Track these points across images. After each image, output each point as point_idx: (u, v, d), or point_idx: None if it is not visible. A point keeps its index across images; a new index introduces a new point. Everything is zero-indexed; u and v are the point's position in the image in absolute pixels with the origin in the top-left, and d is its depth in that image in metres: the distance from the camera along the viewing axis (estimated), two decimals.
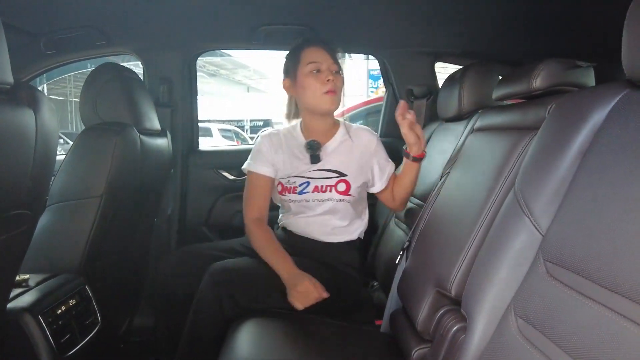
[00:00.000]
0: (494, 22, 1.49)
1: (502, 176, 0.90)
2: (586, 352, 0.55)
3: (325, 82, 1.31)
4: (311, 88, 1.33)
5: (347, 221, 1.39)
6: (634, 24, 0.61)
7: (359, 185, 1.38)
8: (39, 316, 0.99)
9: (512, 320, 0.70)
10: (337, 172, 1.37)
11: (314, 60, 1.32)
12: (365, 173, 1.40)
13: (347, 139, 1.41)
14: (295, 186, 1.37)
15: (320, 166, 1.38)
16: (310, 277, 1.20)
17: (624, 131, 0.62)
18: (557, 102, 0.83)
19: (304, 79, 1.33)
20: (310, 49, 1.34)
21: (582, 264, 0.60)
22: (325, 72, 1.32)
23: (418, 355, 0.97)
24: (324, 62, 1.33)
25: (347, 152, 1.39)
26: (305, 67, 1.33)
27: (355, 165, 1.38)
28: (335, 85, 1.33)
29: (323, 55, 1.33)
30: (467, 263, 0.89)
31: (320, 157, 1.38)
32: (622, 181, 0.59)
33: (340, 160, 1.38)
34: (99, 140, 1.25)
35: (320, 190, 1.36)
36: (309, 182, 1.37)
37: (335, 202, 1.36)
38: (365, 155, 1.40)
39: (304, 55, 1.34)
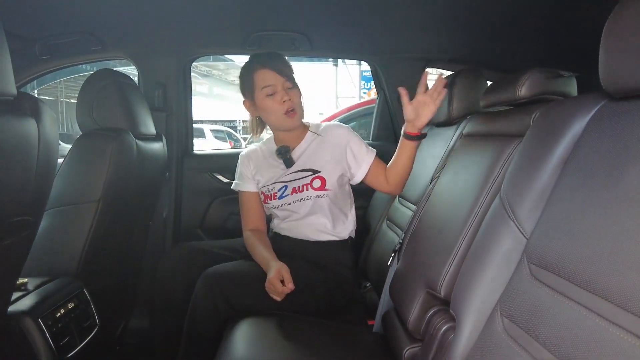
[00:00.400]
0: (483, 30, 1.53)
1: (489, 182, 0.94)
2: (567, 350, 0.58)
3: (282, 103, 1.35)
4: (271, 110, 1.38)
5: (332, 218, 1.42)
6: (609, 40, 0.65)
7: (336, 178, 1.40)
8: (38, 319, 1.01)
9: (498, 320, 0.74)
10: (311, 170, 1.41)
11: (268, 84, 1.36)
12: (340, 165, 1.41)
13: (317, 137, 1.44)
14: (275, 192, 1.42)
15: (295, 168, 1.42)
16: (277, 270, 1.22)
17: (601, 141, 0.66)
18: (541, 110, 0.87)
19: (262, 103, 1.38)
20: (261, 72, 1.37)
21: (564, 266, 0.63)
22: (280, 92, 1.35)
23: (409, 354, 1.00)
24: (277, 83, 1.36)
25: (318, 149, 1.43)
26: (260, 91, 1.37)
27: (328, 159, 1.40)
28: (293, 102, 1.37)
29: (275, 77, 1.35)
30: (455, 265, 0.93)
31: (294, 159, 1.42)
32: (599, 188, 0.62)
33: (312, 159, 1.42)
34: (96, 145, 1.26)
35: (298, 190, 1.39)
36: (286, 186, 1.41)
37: (314, 200, 1.39)
38: (337, 148, 1.41)
39: (257, 79, 1.37)
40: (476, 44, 1.70)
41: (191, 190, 1.97)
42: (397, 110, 1.99)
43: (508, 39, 1.60)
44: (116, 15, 1.47)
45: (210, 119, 14.17)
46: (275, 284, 1.19)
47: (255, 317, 1.18)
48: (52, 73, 1.87)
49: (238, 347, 1.06)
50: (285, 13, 1.52)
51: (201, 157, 2.06)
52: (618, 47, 0.63)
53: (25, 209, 0.81)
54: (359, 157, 1.42)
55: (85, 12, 1.44)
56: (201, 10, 1.45)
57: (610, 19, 0.65)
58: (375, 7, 1.42)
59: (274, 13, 1.52)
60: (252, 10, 1.49)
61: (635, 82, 0.61)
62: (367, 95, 11.88)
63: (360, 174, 1.42)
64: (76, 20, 1.52)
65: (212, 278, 1.23)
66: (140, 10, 1.43)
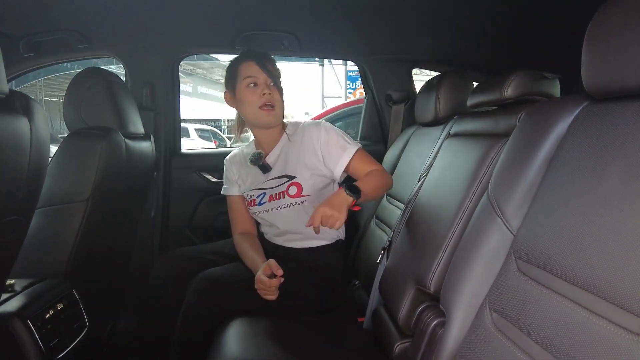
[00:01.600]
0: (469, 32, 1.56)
1: (476, 180, 0.97)
2: (553, 341, 0.61)
3: (261, 96, 1.33)
4: (248, 102, 1.35)
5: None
6: (591, 44, 0.68)
7: (312, 183, 1.36)
8: (27, 321, 0.99)
9: (487, 314, 0.76)
10: (286, 176, 1.38)
11: (250, 74, 1.35)
12: (316, 167, 1.36)
13: (293, 140, 1.40)
14: (254, 199, 1.42)
15: (272, 174, 1.40)
16: (264, 266, 1.21)
17: (584, 140, 0.69)
18: (527, 111, 0.89)
19: (242, 94, 1.36)
20: (247, 64, 1.36)
21: (549, 261, 0.66)
22: (261, 85, 1.34)
23: (400, 349, 1.02)
24: (260, 76, 1.34)
25: (293, 153, 1.39)
26: (242, 81, 1.36)
27: (302, 163, 1.36)
28: (273, 98, 1.34)
29: (259, 71, 1.35)
30: (444, 261, 0.95)
31: (269, 165, 1.40)
32: (582, 186, 0.65)
33: (287, 163, 1.38)
34: (84, 144, 1.25)
35: (275, 198, 1.38)
36: (264, 193, 1.40)
37: (291, 207, 1.37)
38: (312, 148, 1.36)
39: (241, 70, 1.36)
40: (462, 45, 1.73)
41: (179, 190, 1.96)
42: (385, 110, 2.01)
43: (493, 41, 1.64)
44: (103, 12, 1.45)
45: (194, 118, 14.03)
46: (263, 279, 1.18)
47: (246, 317, 1.19)
48: (33, 72, 1.83)
49: (230, 346, 1.07)
50: (275, 13, 1.52)
51: (189, 156, 2.05)
52: (599, 50, 0.66)
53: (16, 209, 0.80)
54: (336, 154, 1.35)
55: (72, 9, 1.42)
56: (190, 8, 1.45)
57: (592, 24, 0.68)
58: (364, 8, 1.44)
59: (264, 13, 1.52)
60: (241, 10, 1.49)
61: (616, 84, 0.64)
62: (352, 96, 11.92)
63: (338, 169, 1.35)
64: (62, 17, 1.50)
65: (204, 283, 1.23)
66: (128, 7, 1.42)
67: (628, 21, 0.61)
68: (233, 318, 1.18)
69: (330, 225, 1.10)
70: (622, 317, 0.53)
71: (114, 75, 1.49)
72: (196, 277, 1.25)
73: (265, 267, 1.21)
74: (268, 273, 1.20)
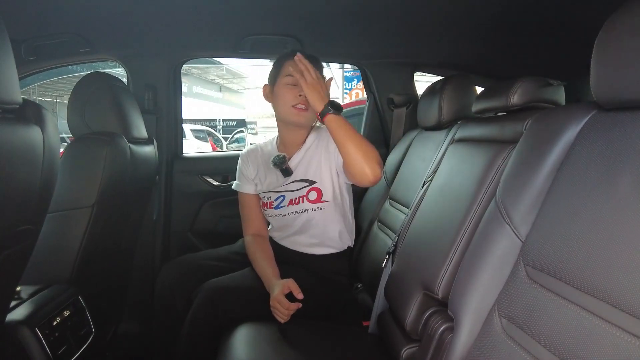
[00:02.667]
0: (471, 36, 1.57)
1: (483, 186, 0.97)
2: (564, 348, 0.62)
3: (297, 97, 1.33)
4: (283, 99, 1.35)
5: (330, 231, 1.40)
6: (601, 54, 0.68)
7: (332, 188, 1.37)
8: (35, 328, 0.99)
9: (497, 320, 0.77)
10: (307, 180, 1.38)
11: (292, 74, 1.32)
12: (332, 170, 1.37)
13: (314, 145, 1.40)
14: (272, 201, 1.41)
15: (293, 178, 1.39)
16: (283, 285, 1.20)
17: (593, 148, 0.70)
18: (534, 118, 0.90)
19: (280, 89, 1.36)
20: (292, 62, 1.33)
21: (559, 269, 0.67)
22: (299, 86, 1.30)
23: (407, 354, 1.02)
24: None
25: (313, 158, 1.39)
26: (283, 78, 1.36)
27: (323, 168, 1.37)
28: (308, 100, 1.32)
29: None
30: (452, 267, 0.96)
31: (291, 169, 1.39)
32: (591, 194, 0.66)
33: (309, 167, 1.38)
34: (89, 150, 1.25)
35: (295, 202, 1.38)
36: (284, 196, 1.39)
37: (310, 212, 1.37)
38: (325, 150, 1.37)
39: (285, 66, 1.36)
40: (465, 49, 1.74)
41: (181, 194, 1.96)
42: (387, 113, 2.02)
43: (496, 45, 1.65)
44: (105, 16, 1.45)
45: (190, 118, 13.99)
46: (282, 301, 1.16)
47: (253, 323, 1.19)
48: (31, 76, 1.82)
49: (237, 351, 1.07)
50: (277, 17, 1.52)
51: (191, 160, 2.05)
52: (609, 60, 0.66)
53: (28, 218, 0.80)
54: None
55: (74, 12, 1.41)
56: (192, 12, 1.45)
57: (601, 33, 0.69)
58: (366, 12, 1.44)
59: (266, 16, 1.52)
60: (244, 14, 1.49)
61: (626, 94, 0.64)
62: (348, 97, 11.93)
63: (339, 161, 1.30)
64: (64, 21, 1.49)
65: (211, 292, 1.22)
66: (130, 11, 1.41)
67: (638, 31, 0.62)
68: (239, 324, 1.18)
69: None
70: (633, 324, 0.54)
71: (118, 79, 1.49)
72: (202, 287, 1.25)
73: (285, 287, 1.20)
74: (287, 292, 1.19)
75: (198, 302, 1.21)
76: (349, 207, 1.46)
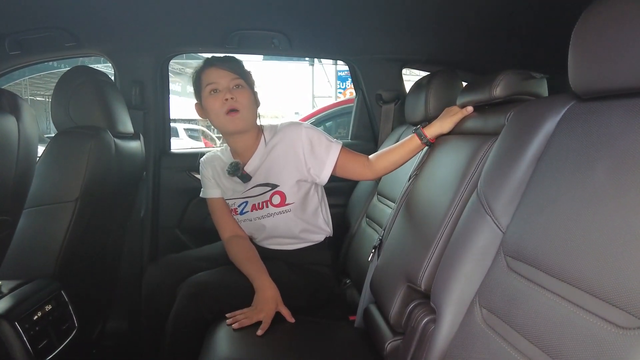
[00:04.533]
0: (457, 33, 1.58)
1: (465, 178, 0.97)
2: (541, 336, 0.62)
3: (224, 102, 1.27)
4: (212, 110, 1.29)
5: (299, 230, 1.37)
6: (578, 44, 0.69)
7: (296, 190, 1.33)
8: (15, 323, 0.98)
9: (477, 310, 0.77)
10: (269, 184, 1.34)
11: (211, 81, 1.29)
12: (298, 173, 1.32)
13: (273, 146, 1.35)
14: (236, 207, 1.39)
15: (253, 183, 1.35)
16: (273, 297, 1.19)
17: (571, 139, 0.70)
18: (515, 110, 0.91)
19: (206, 102, 1.30)
20: (208, 70, 1.30)
21: (538, 258, 0.67)
22: (223, 91, 1.28)
23: (391, 347, 1.02)
24: (221, 80, 1.28)
25: (274, 160, 1.33)
26: (205, 89, 1.30)
27: (284, 170, 1.32)
28: (237, 102, 1.27)
29: (220, 74, 1.29)
30: (435, 259, 0.96)
31: (249, 174, 1.35)
32: (570, 183, 0.66)
33: (269, 171, 1.34)
34: (73, 144, 1.23)
35: (258, 207, 1.35)
36: (247, 202, 1.37)
37: (276, 216, 1.34)
38: (292, 153, 1.32)
39: (203, 78, 1.31)
40: (451, 45, 1.75)
41: (169, 190, 1.94)
42: (375, 109, 2.02)
43: (481, 41, 1.66)
44: (91, 10, 1.43)
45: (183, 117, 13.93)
46: (269, 319, 1.15)
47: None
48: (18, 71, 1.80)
49: (220, 346, 1.06)
50: (265, 12, 1.52)
51: (179, 156, 2.04)
52: (586, 50, 0.67)
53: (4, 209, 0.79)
54: (320, 156, 1.31)
55: (59, 6, 1.39)
56: (180, 6, 1.44)
57: (579, 24, 0.69)
58: (354, 8, 1.44)
59: (254, 12, 1.52)
60: (231, 8, 1.48)
61: (603, 84, 0.65)
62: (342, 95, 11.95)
63: (325, 174, 1.33)
64: (49, 15, 1.47)
65: (194, 287, 1.21)
66: (116, 5, 1.40)
67: (614, 21, 0.62)
68: (223, 319, 1.17)
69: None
70: (607, 311, 0.54)
71: (103, 74, 1.47)
72: (185, 282, 1.24)
73: (279, 308, 1.19)
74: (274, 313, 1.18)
75: (181, 297, 1.20)
76: (318, 202, 1.42)
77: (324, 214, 1.45)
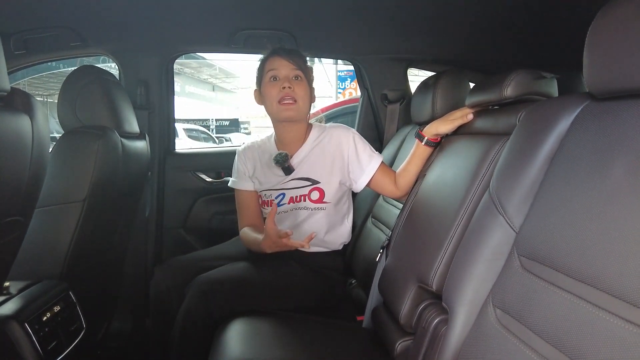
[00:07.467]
0: (464, 32, 1.58)
1: (477, 178, 0.97)
2: (558, 336, 0.62)
3: (281, 90, 1.31)
4: (269, 96, 1.33)
5: (327, 229, 1.39)
6: (594, 44, 0.69)
7: (335, 189, 1.36)
8: (25, 324, 0.97)
9: (491, 310, 0.77)
10: (310, 179, 1.36)
11: (273, 67, 1.33)
12: (341, 174, 1.36)
13: (319, 143, 1.38)
14: (272, 199, 1.39)
15: (293, 176, 1.37)
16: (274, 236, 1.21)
17: (586, 138, 0.70)
18: (527, 110, 0.90)
19: (265, 88, 1.35)
20: (272, 59, 1.35)
21: (553, 258, 0.67)
22: (282, 79, 1.32)
23: (401, 347, 1.02)
24: (282, 69, 1.32)
25: (319, 157, 1.37)
26: (266, 75, 1.34)
27: (328, 168, 1.35)
28: (294, 92, 1.31)
29: (281, 62, 1.33)
30: (446, 259, 0.95)
31: (293, 166, 1.37)
32: (584, 183, 0.66)
33: (312, 166, 1.36)
34: (80, 144, 1.23)
35: (296, 200, 1.36)
36: (284, 194, 1.38)
37: (310, 211, 1.36)
38: (338, 154, 1.36)
39: (266, 65, 1.35)
40: (458, 45, 1.74)
41: (174, 190, 1.94)
42: (381, 109, 2.02)
43: (489, 40, 1.65)
44: (97, 9, 1.43)
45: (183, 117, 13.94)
46: (272, 234, 1.19)
47: (246, 317, 1.18)
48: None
49: (231, 346, 1.06)
50: (271, 12, 1.52)
51: (184, 155, 2.03)
52: (602, 50, 0.67)
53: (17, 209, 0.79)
54: (363, 163, 1.36)
55: (65, 5, 1.39)
56: (186, 6, 1.43)
57: (594, 23, 0.69)
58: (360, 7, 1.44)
59: (260, 11, 1.51)
60: (237, 8, 1.48)
61: (619, 84, 0.65)
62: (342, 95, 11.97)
63: (362, 181, 1.37)
64: (54, 14, 1.47)
65: (203, 285, 1.21)
66: (122, 5, 1.40)
67: (631, 20, 0.62)
68: (233, 318, 1.17)
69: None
70: (628, 311, 0.54)
71: (109, 73, 1.47)
72: (195, 280, 1.23)
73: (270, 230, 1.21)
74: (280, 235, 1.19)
75: (190, 295, 1.20)
76: (347, 209, 1.46)
77: (349, 222, 1.47)
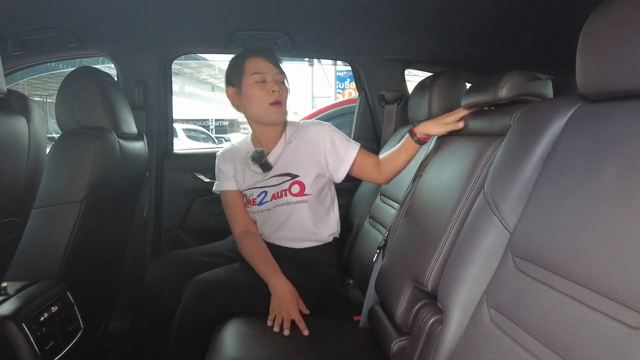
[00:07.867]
0: (461, 33, 1.58)
1: (472, 179, 0.98)
2: (551, 335, 0.62)
3: (271, 93, 1.31)
4: (257, 99, 1.33)
5: (312, 222, 1.40)
6: (586, 45, 0.69)
7: (313, 181, 1.37)
8: (22, 324, 0.98)
9: (485, 310, 0.77)
10: (289, 174, 1.38)
11: (259, 70, 1.32)
12: (319, 166, 1.37)
13: (295, 139, 1.40)
14: (254, 198, 1.40)
15: (273, 172, 1.38)
16: (292, 295, 1.21)
17: (579, 139, 0.71)
18: (521, 111, 0.91)
19: (249, 90, 1.33)
20: (255, 59, 1.34)
21: (546, 258, 0.68)
22: (270, 82, 1.32)
23: (397, 347, 1.03)
24: (269, 72, 1.33)
25: (295, 152, 1.38)
26: (250, 77, 1.33)
27: (306, 162, 1.37)
28: (281, 95, 1.33)
29: (268, 65, 1.33)
30: (441, 260, 0.96)
31: (270, 163, 1.38)
32: (577, 184, 0.67)
33: (290, 162, 1.38)
34: (78, 145, 1.24)
35: (277, 196, 1.38)
36: (266, 191, 1.39)
37: (293, 206, 1.37)
38: (314, 148, 1.37)
39: (248, 65, 1.34)
40: (454, 46, 1.75)
41: (172, 190, 1.95)
42: (378, 110, 2.03)
43: (484, 42, 1.66)
44: (95, 11, 1.43)
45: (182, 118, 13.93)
46: (291, 312, 1.17)
47: (243, 317, 1.19)
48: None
49: (227, 346, 1.07)
50: (269, 13, 1.52)
51: (182, 156, 2.04)
52: (594, 51, 0.67)
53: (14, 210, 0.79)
54: (340, 154, 1.38)
55: (62, 6, 1.39)
56: (183, 7, 1.44)
57: (587, 25, 0.69)
58: (357, 8, 1.44)
59: (257, 13, 1.52)
60: (235, 9, 1.49)
61: (611, 85, 0.65)
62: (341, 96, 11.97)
63: (341, 172, 1.39)
64: (52, 15, 1.47)
65: (200, 286, 1.21)
66: (119, 6, 1.40)
67: (623, 22, 0.62)
68: (230, 319, 1.18)
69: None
70: (619, 311, 0.54)
71: (107, 74, 1.48)
72: (192, 281, 1.24)
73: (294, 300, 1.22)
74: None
75: (187, 296, 1.20)
76: (331, 200, 1.47)
77: (335, 213, 1.48)
